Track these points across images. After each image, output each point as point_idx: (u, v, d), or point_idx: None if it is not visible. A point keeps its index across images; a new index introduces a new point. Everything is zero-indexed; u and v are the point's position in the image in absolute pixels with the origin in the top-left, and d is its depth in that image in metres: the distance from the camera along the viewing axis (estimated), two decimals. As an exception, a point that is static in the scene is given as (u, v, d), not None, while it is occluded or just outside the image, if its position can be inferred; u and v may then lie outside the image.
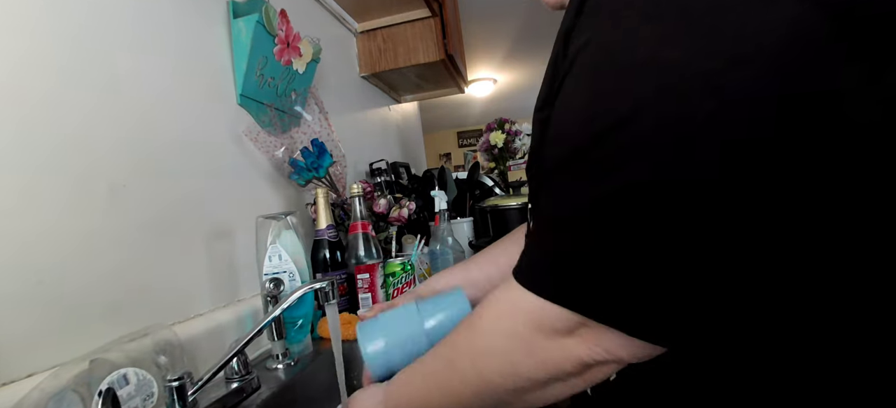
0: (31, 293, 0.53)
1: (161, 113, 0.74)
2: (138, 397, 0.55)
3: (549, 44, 0.37)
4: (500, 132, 1.89)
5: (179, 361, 0.63)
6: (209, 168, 0.83)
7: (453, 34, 1.79)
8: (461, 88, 2.11)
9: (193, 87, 0.82)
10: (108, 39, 0.67)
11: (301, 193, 1.11)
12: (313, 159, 1.00)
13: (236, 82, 0.93)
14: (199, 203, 0.80)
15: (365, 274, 0.97)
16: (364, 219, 1.03)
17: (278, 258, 0.79)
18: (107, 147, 0.64)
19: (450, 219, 1.30)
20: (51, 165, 0.57)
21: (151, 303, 0.68)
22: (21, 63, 0.55)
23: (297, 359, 0.78)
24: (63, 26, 0.60)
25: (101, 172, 0.63)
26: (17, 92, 0.54)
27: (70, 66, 0.61)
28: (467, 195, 1.71)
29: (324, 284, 0.65)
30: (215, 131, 0.86)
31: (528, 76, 4.18)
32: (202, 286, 0.78)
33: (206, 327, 0.74)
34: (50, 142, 0.57)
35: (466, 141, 6.59)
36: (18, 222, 0.52)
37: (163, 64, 0.76)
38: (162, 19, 0.77)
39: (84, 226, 0.59)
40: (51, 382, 0.49)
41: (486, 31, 3.00)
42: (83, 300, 0.58)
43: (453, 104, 4.72)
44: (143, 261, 0.67)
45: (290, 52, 1.00)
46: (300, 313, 0.82)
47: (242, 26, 0.91)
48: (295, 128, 1.09)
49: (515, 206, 1.22)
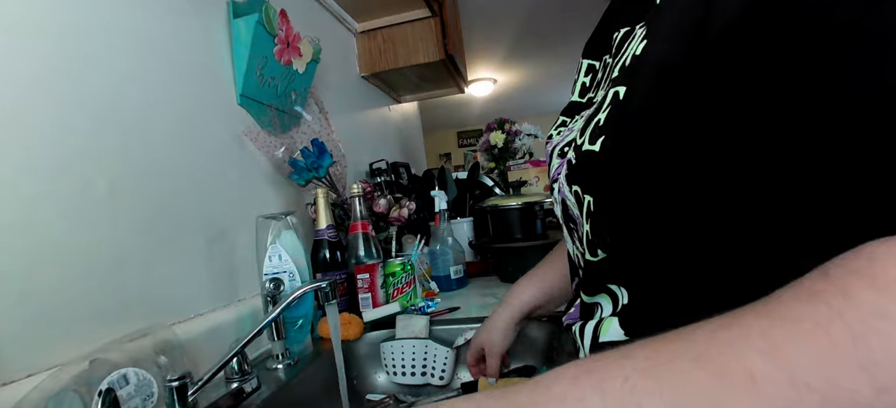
0: (31, 293, 0.53)
1: (161, 113, 0.74)
2: (138, 397, 0.55)
3: (549, 44, 0.36)
4: (500, 132, 1.89)
5: (179, 361, 0.63)
6: (209, 168, 0.83)
7: (453, 34, 1.79)
8: (461, 88, 2.11)
9: (193, 87, 0.82)
10: (108, 40, 0.67)
11: (301, 193, 1.11)
12: (313, 159, 1.00)
13: (236, 82, 0.93)
14: (199, 203, 0.80)
15: (365, 274, 0.97)
16: (364, 219, 1.03)
17: (278, 258, 0.79)
18: (106, 147, 0.64)
19: (450, 219, 1.30)
20: (51, 165, 0.57)
21: (151, 303, 0.68)
22: (21, 63, 0.55)
23: (297, 359, 0.78)
24: (63, 26, 0.60)
25: (101, 172, 0.63)
26: (17, 92, 0.54)
27: (70, 66, 0.61)
28: (467, 195, 1.71)
29: (324, 285, 0.65)
30: (215, 131, 0.86)
31: (528, 76, 4.17)
32: (202, 286, 0.78)
33: (206, 326, 0.73)
34: (50, 142, 0.57)
35: (466, 141, 6.59)
36: (18, 222, 0.52)
37: (163, 64, 0.76)
38: (162, 19, 0.77)
39: (84, 226, 0.59)
40: (51, 382, 0.49)
41: (486, 31, 3.00)
42: (83, 300, 0.58)
43: (453, 104, 4.72)
44: (143, 261, 0.67)
45: (290, 52, 1.00)
46: (300, 312, 0.82)
47: (242, 26, 0.91)
48: (295, 128, 1.09)
49: (515, 206, 1.22)
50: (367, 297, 0.97)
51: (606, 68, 0.49)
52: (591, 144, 0.38)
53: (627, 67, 0.39)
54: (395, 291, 1.00)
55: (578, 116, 0.52)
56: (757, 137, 0.29)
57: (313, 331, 0.88)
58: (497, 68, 3.89)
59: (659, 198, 0.35)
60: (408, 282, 1.01)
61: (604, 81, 0.49)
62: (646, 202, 0.36)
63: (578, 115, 0.53)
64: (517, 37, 3.12)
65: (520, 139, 1.88)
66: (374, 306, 0.96)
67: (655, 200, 0.35)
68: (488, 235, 1.32)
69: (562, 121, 0.56)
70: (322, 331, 0.88)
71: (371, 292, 0.97)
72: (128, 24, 0.70)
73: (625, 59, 0.40)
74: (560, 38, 3.11)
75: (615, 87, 0.38)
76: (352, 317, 0.90)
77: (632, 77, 0.37)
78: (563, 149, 0.49)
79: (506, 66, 3.84)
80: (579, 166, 0.40)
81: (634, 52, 0.38)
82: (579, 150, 0.41)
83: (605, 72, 0.50)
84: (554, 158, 0.51)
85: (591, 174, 0.39)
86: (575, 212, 0.44)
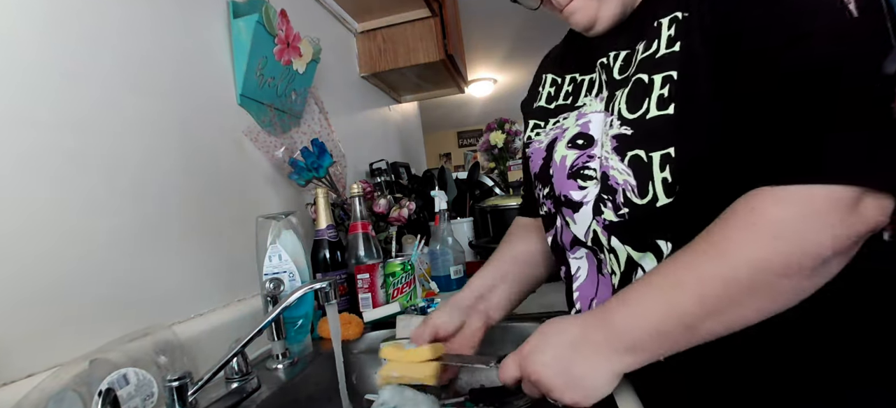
0: (31, 294, 0.53)
1: (161, 113, 0.74)
2: (138, 397, 0.55)
3: (550, 44, 0.37)
4: (500, 132, 1.89)
5: (179, 361, 0.63)
6: (209, 168, 0.83)
7: (453, 34, 1.79)
8: (461, 88, 2.11)
9: (193, 87, 0.82)
10: (109, 40, 0.67)
11: (301, 193, 1.11)
12: (313, 159, 1.00)
13: (236, 82, 0.93)
14: (199, 203, 0.80)
15: (365, 274, 0.97)
16: (364, 219, 1.03)
17: (278, 258, 0.79)
18: (106, 147, 0.64)
19: (450, 219, 1.30)
20: (50, 166, 0.57)
21: (151, 303, 0.68)
22: (20, 63, 0.55)
23: (297, 359, 0.78)
24: (63, 27, 0.60)
25: (101, 171, 0.63)
26: (16, 92, 0.54)
27: (70, 66, 0.61)
28: (467, 195, 1.72)
29: (324, 285, 0.65)
30: (215, 131, 0.86)
31: (528, 76, 4.15)
32: (202, 286, 0.78)
33: (206, 327, 0.73)
34: (49, 142, 0.57)
35: (466, 141, 6.58)
36: (18, 223, 0.52)
37: (162, 64, 0.76)
38: (162, 19, 0.77)
39: (84, 226, 0.59)
40: (51, 382, 0.49)
41: (486, 31, 3.00)
42: (83, 300, 0.58)
43: (453, 104, 4.72)
44: (143, 261, 0.67)
45: (290, 52, 1.00)
46: (300, 312, 0.82)
47: (242, 26, 0.91)
48: (295, 128, 1.09)
49: (515, 206, 1.22)
50: (367, 297, 0.97)
51: (589, 83, 0.62)
52: (660, 110, 0.50)
53: (663, 60, 0.51)
54: (395, 291, 1.00)
55: (561, 117, 0.63)
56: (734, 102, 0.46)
57: (313, 331, 0.88)
58: (497, 68, 3.89)
59: (722, 145, 0.46)
60: (408, 282, 1.01)
61: (594, 87, 0.61)
62: (714, 149, 0.47)
63: (556, 117, 0.64)
64: (517, 37, 3.12)
65: (520, 139, 1.88)
66: (374, 306, 0.96)
67: (721, 147, 0.47)
68: (488, 235, 1.32)
69: (535, 124, 0.67)
70: (322, 331, 0.88)
71: (371, 292, 0.97)
72: (128, 24, 0.70)
73: (641, 60, 0.53)
74: (560, 38, 3.10)
75: (649, 75, 0.51)
76: (352, 317, 0.90)
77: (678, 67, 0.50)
78: (577, 141, 0.58)
79: (506, 66, 3.84)
80: (643, 131, 0.51)
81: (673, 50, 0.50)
82: (642, 120, 0.51)
83: (577, 84, 0.64)
84: (559, 149, 0.60)
85: (664, 133, 0.49)
86: (622, 179, 0.52)
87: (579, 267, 0.61)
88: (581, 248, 0.60)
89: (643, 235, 0.52)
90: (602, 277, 0.58)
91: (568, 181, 0.59)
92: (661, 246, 0.52)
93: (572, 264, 0.62)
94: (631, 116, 0.52)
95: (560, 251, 0.64)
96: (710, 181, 0.48)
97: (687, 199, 0.49)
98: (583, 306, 0.61)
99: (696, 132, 0.48)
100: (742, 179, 0.43)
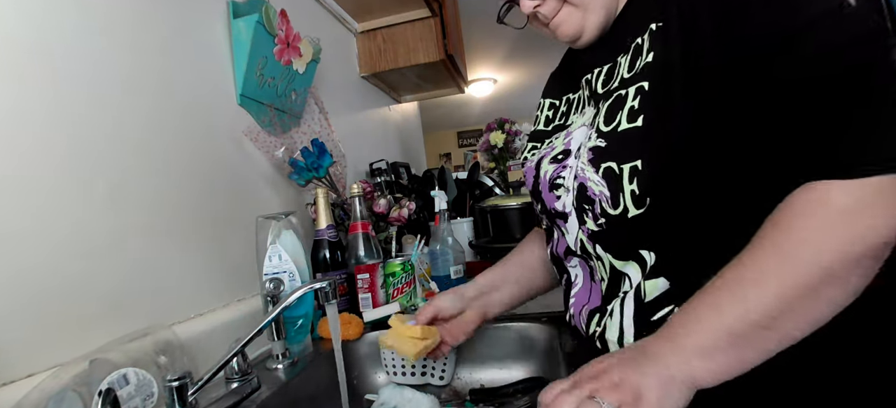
0: (31, 294, 0.53)
1: (161, 113, 0.74)
2: (138, 397, 0.55)
3: (550, 44, 0.37)
4: (500, 132, 1.89)
5: (179, 361, 0.63)
6: (209, 168, 0.83)
7: (453, 34, 1.79)
8: (461, 88, 2.11)
9: (193, 87, 0.82)
10: (108, 40, 0.67)
11: (301, 193, 1.11)
12: (313, 159, 1.00)
13: (236, 82, 0.93)
14: (199, 203, 0.80)
15: (365, 274, 0.97)
16: (364, 219, 1.03)
17: (278, 258, 0.79)
18: (106, 147, 0.64)
19: (450, 219, 1.30)
20: (50, 166, 0.57)
21: (151, 303, 0.68)
22: (20, 63, 0.55)
23: (297, 359, 0.78)
24: (62, 26, 0.60)
25: (101, 172, 0.63)
26: (15, 93, 0.54)
27: (69, 66, 0.61)
28: (467, 195, 1.72)
29: (324, 285, 0.65)
30: (215, 131, 0.86)
31: (528, 76, 4.17)
32: (202, 286, 0.78)
33: (206, 327, 0.73)
34: (49, 143, 0.57)
35: (466, 141, 6.58)
36: (18, 223, 0.52)
37: (162, 64, 0.76)
38: (162, 20, 0.77)
39: (84, 226, 0.59)
40: (51, 382, 0.49)
41: (486, 31, 3.00)
42: (83, 300, 0.58)
43: (453, 104, 4.72)
44: (143, 261, 0.67)
45: (290, 52, 1.00)
46: (300, 312, 0.82)
47: (242, 26, 0.91)
48: (295, 128, 1.09)
49: (515, 206, 1.22)
50: (367, 297, 0.96)
51: (577, 100, 0.66)
52: (630, 122, 0.51)
53: (638, 72, 0.52)
54: (395, 291, 1.00)
55: (554, 137, 0.66)
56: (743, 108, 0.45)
57: (313, 331, 0.88)
58: (497, 68, 3.89)
59: (693, 155, 0.47)
60: (408, 282, 1.01)
61: (581, 103, 0.64)
62: (684, 159, 0.48)
63: (550, 137, 0.66)
64: (517, 37, 3.12)
65: (520, 139, 1.88)
66: (374, 306, 0.96)
67: (692, 157, 0.48)
68: (488, 235, 1.32)
69: (532, 145, 0.70)
70: (322, 331, 0.88)
71: (371, 292, 0.97)
72: (128, 24, 0.70)
73: (622, 73, 0.55)
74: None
75: (625, 89, 0.53)
76: (352, 317, 0.90)
77: (649, 77, 0.50)
78: (558, 156, 0.61)
79: (506, 66, 3.84)
80: (615, 144, 0.52)
81: (647, 61, 0.51)
82: (614, 132, 0.52)
83: (570, 104, 0.68)
84: (544, 166, 0.63)
85: (633, 145, 0.50)
86: (598, 190, 0.53)
87: (577, 275, 0.63)
88: (574, 257, 0.62)
89: (622, 244, 0.53)
90: (594, 284, 0.60)
91: (550, 194, 0.61)
92: (645, 255, 0.52)
93: (570, 273, 0.64)
94: (606, 128, 0.54)
95: (558, 261, 0.66)
96: (682, 192, 0.49)
97: (658, 210, 0.49)
98: (575, 312, 0.62)
99: (664, 144, 0.48)
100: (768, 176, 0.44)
